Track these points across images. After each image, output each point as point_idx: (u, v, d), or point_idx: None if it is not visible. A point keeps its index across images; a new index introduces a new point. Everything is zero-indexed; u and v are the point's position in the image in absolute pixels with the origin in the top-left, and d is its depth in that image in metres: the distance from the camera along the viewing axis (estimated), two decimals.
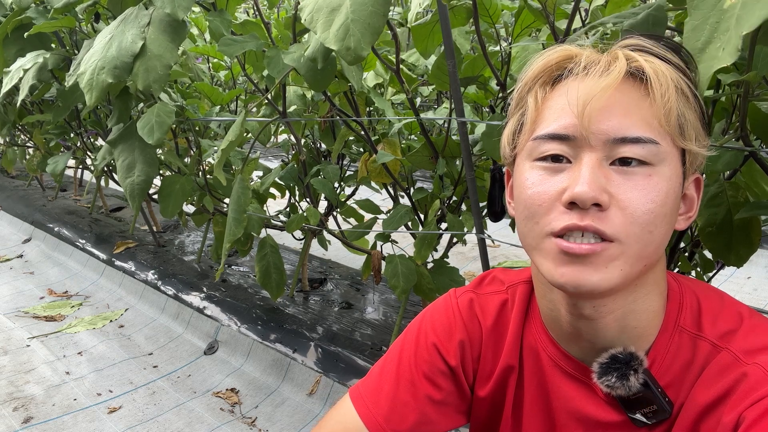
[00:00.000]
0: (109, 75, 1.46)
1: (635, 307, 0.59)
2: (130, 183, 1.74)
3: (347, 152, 2.05)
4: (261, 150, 4.59)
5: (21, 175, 4.97)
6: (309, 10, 1.08)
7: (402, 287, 1.58)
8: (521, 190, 0.59)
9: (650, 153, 0.53)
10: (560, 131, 0.56)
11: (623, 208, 0.53)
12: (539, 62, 0.60)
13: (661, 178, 0.54)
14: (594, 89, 0.55)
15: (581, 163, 0.54)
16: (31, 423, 1.82)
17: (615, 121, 0.54)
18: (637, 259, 0.54)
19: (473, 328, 0.73)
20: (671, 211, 0.55)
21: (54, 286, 2.90)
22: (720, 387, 0.54)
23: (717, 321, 0.59)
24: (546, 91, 0.59)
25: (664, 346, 0.59)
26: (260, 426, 1.80)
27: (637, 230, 0.53)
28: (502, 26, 1.57)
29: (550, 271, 0.56)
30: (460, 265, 3.05)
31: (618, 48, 0.57)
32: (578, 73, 0.57)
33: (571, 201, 0.53)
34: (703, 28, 0.60)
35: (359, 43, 1.00)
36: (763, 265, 2.87)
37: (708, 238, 0.95)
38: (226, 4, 1.69)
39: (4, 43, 2.07)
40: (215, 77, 2.86)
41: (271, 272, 1.96)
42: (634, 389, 0.58)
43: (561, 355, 0.66)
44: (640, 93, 0.55)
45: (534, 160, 0.58)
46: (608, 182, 0.53)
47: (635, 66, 0.56)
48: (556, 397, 0.67)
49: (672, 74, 0.55)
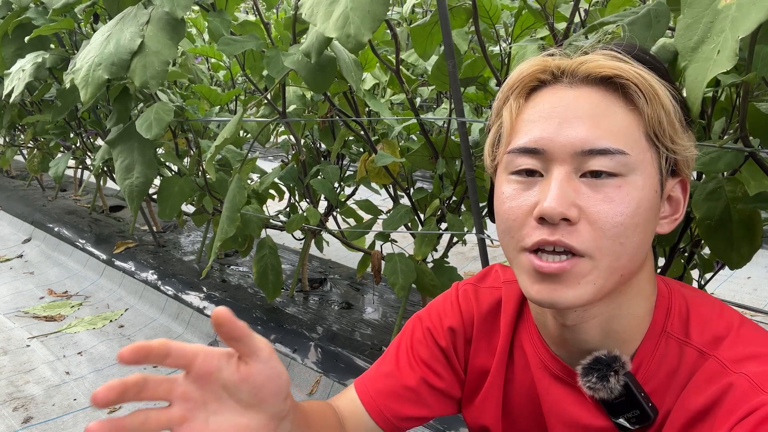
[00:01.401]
0: (106, 71, 1.46)
1: (619, 312, 0.59)
2: (128, 185, 1.74)
3: (347, 152, 2.05)
4: (261, 150, 4.58)
5: (21, 175, 4.97)
6: (309, 5, 1.08)
7: (401, 284, 1.58)
8: (498, 204, 0.59)
9: (619, 164, 0.53)
10: (530, 145, 0.56)
11: (593, 221, 0.53)
12: (514, 73, 0.60)
13: (632, 187, 0.53)
14: (562, 101, 0.55)
15: (551, 177, 0.54)
16: (31, 423, 1.82)
17: (582, 132, 0.54)
18: (610, 272, 0.54)
19: (467, 316, 0.75)
20: (644, 220, 0.55)
21: (54, 286, 2.90)
22: (708, 395, 0.53)
23: (705, 327, 0.58)
24: (520, 104, 0.59)
25: (650, 351, 0.59)
26: None
27: (608, 243, 0.53)
28: (502, 26, 1.57)
29: (525, 286, 0.57)
30: (460, 265, 3.05)
31: (591, 56, 0.57)
32: (551, 83, 0.58)
33: (541, 216, 0.53)
34: (696, 27, 0.59)
35: (359, 30, 1.00)
36: (763, 265, 2.87)
37: (707, 232, 0.94)
38: (225, 5, 1.69)
39: (4, 43, 2.07)
40: (214, 77, 2.86)
41: (269, 274, 1.96)
42: (615, 391, 0.58)
43: (550, 357, 0.66)
44: (610, 101, 0.55)
45: (509, 174, 0.58)
46: (577, 195, 0.53)
47: (604, 73, 0.55)
48: (545, 398, 0.67)
49: (644, 78, 0.54)
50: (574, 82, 0.56)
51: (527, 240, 0.55)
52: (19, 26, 2.04)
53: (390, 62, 1.49)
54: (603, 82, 0.56)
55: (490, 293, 0.76)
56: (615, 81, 0.55)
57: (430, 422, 1.60)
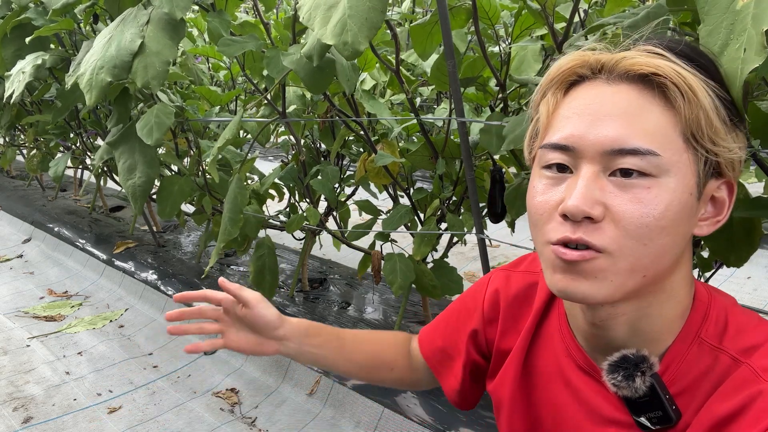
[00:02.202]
0: (109, 74, 1.46)
1: (649, 312, 0.58)
2: (131, 185, 1.74)
3: (347, 152, 2.05)
4: (261, 150, 4.58)
5: (21, 175, 4.97)
6: (307, 8, 1.08)
7: (399, 283, 1.58)
8: (530, 197, 0.60)
9: (650, 164, 0.52)
10: (560, 142, 0.56)
11: (617, 221, 0.52)
12: (554, 67, 0.59)
13: (662, 189, 0.52)
14: (597, 97, 0.54)
15: (579, 174, 0.54)
16: (31, 423, 1.82)
17: (612, 131, 0.53)
18: (630, 272, 0.54)
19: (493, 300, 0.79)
20: (673, 222, 0.53)
21: (54, 286, 2.90)
22: (736, 402, 0.52)
23: (741, 336, 0.57)
24: (558, 98, 0.59)
25: (680, 354, 0.59)
26: (260, 426, 1.80)
27: (630, 243, 0.53)
28: (502, 27, 1.57)
29: (548, 277, 0.57)
30: (460, 265, 3.05)
31: (632, 52, 0.56)
32: (590, 79, 0.57)
33: (563, 214, 0.54)
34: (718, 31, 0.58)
35: (356, 38, 1.00)
36: (763, 265, 2.87)
37: (708, 236, 0.95)
38: (225, 5, 1.69)
39: (3, 43, 2.07)
40: (214, 77, 2.86)
41: (266, 274, 1.96)
42: (640, 391, 0.57)
43: (576, 348, 0.67)
44: (646, 99, 0.54)
45: (542, 168, 0.58)
46: (604, 194, 0.53)
47: (642, 71, 0.54)
48: (568, 385, 0.68)
49: (684, 78, 0.53)
50: (612, 78, 0.55)
51: (552, 235, 0.55)
52: (19, 26, 2.04)
53: (390, 62, 1.49)
54: (641, 79, 0.54)
55: (521, 277, 0.77)
56: (653, 79, 0.54)
57: (429, 422, 1.60)
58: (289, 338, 0.82)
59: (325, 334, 0.85)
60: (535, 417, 0.72)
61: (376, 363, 0.88)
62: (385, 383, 0.90)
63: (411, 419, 1.63)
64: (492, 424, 1.52)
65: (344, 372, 0.87)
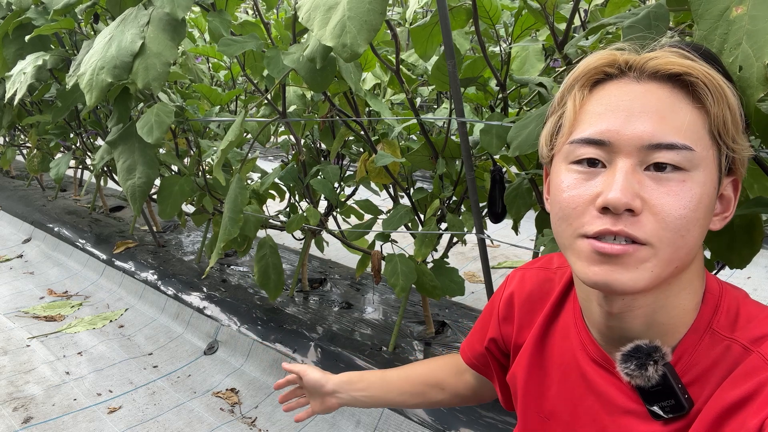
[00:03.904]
0: (109, 74, 1.46)
1: (666, 303, 0.60)
2: (131, 185, 1.74)
3: (347, 152, 2.05)
4: (261, 150, 4.58)
5: (21, 175, 4.97)
6: (306, 9, 1.08)
7: (401, 285, 1.58)
8: (557, 192, 0.60)
9: (685, 159, 0.54)
10: (596, 136, 0.57)
11: (656, 213, 0.54)
12: (581, 65, 0.61)
13: (695, 183, 0.55)
14: (629, 95, 0.56)
15: (615, 168, 0.55)
16: (31, 423, 1.82)
17: (649, 127, 0.55)
18: (668, 262, 0.56)
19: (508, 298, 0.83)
20: (704, 215, 0.56)
21: (54, 286, 2.90)
22: (746, 388, 0.54)
23: (752, 326, 0.59)
24: (584, 95, 0.60)
25: (693, 344, 0.60)
26: (260, 426, 1.80)
27: (670, 235, 0.54)
28: (502, 27, 1.57)
29: (582, 269, 0.57)
30: (460, 265, 3.05)
31: (660, 52, 0.58)
32: (617, 77, 0.59)
33: (605, 206, 0.54)
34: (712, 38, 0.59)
35: (355, 40, 1.00)
36: (763, 265, 2.87)
37: (709, 237, 0.95)
38: (225, 5, 1.69)
39: (4, 44, 2.07)
40: (215, 77, 2.86)
41: (270, 273, 1.96)
42: (653, 380, 0.59)
43: (590, 341, 0.68)
44: (677, 97, 0.56)
45: (570, 163, 0.59)
46: (641, 187, 0.55)
47: (674, 70, 0.56)
48: (582, 377, 0.69)
49: (713, 77, 0.55)
50: (642, 77, 0.57)
51: (588, 228, 0.56)
52: (20, 27, 2.04)
53: (390, 62, 1.49)
54: (671, 79, 0.56)
55: (536, 273, 0.80)
56: (683, 78, 0.56)
57: (429, 422, 1.60)
58: (338, 390, 0.96)
59: (367, 378, 0.97)
60: (551, 408, 0.74)
61: (424, 388, 0.95)
62: (442, 404, 0.97)
63: (411, 419, 1.63)
64: (492, 424, 1.52)
65: (400, 404, 0.96)
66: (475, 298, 2.67)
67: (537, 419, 0.75)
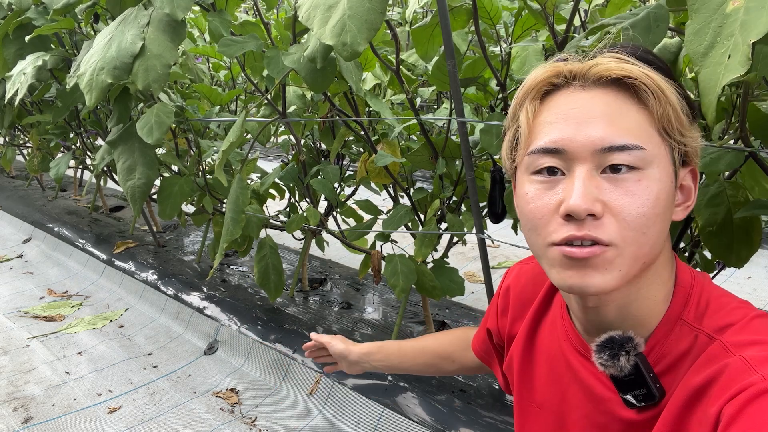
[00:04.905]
0: (109, 75, 1.46)
1: (638, 296, 0.62)
2: (131, 186, 1.74)
3: (347, 152, 2.05)
4: (261, 150, 4.58)
5: (21, 175, 4.97)
6: (306, 8, 1.08)
7: (401, 286, 1.58)
8: (523, 204, 0.63)
9: (637, 158, 0.56)
10: (551, 145, 0.59)
11: (616, 214, 0.56)
12: (529, 79, 0.63)
13: (651, 180, 0.57)
14: (577, 102, 0.59)
15: (573, 175, 0.58)
16: (31, 423, 1.82)
17: (600, 131, 0.57)
18: (634, 260, 0.58)
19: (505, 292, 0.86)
20: (664, 210, 0.58)
21: (54, 286, 2.91)
22: (706, 374, 0.56)
23: (719, 316, 0.61)
24: (536, 107, 0.62)
25: (664, 335, 0.62)
26: (260, 426, 1.80)
27: (632, 234, 0.57)
28: (502, 27, 1.57)
29: (556, 276, 0.60)
30: (460, 265, 3.05)
31: (600, 59, 0.61)
32: (564, 87, 0.61)
33: (567, 213, 0.57)
34: (705, 32, 0.60)
35: (355, 39, 1.00)
36: (763, 265, 2.87)
37: (708, 238, 0.95)
38: (225, 5, 1.69)
39: (4, 43, 2.08)
40: (215, 77, 2.86)
41: (270, 273, 1.96)
42: (625, 370, 0.61)
43: (573, 332, 0.72)
44: (622, 100, 0.58)
45: (531, 174, 0.62)
46: (600, 191, 0.57)
47: (614, 75, 0.58)
48: (568, 367, 0.72)
49: (652, 78, 0.58)
50: (587, 84, 0.60)
51: (555, 236, 0.58)
52: (20, 27, 2.04)
53: (390, 62, 1.49)
54: (614, 83, 0.59)
55: (532, 267, 0.84)
56: (625, 82, 0.58)
57: (429, 422, 1.60)
58: (360, 360, 1.07)
59: (385, 349, 1.06)
60: (542, 398, 0.76)
61: (436, 360, 1.04)
62: (453, 374, 1.07)
63: (411, 419, 1.63)
64: (492, 424, 1.53)
65: (415, 371, 1.06)
66: (475, 298, 2.67)
67: (531, 408, 0.78)
